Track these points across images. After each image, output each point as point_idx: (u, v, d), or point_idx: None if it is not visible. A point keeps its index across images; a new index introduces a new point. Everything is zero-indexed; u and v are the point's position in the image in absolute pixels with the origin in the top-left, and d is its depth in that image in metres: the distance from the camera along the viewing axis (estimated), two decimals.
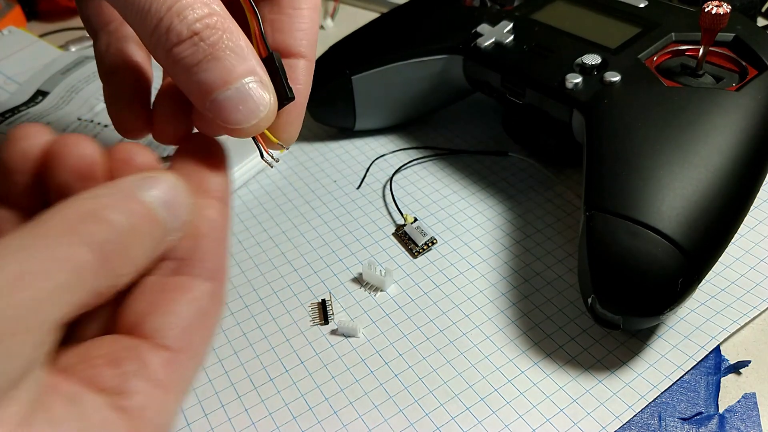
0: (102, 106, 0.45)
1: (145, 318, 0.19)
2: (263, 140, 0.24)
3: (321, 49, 0.43)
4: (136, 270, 0.19)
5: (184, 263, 0.20)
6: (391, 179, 0.39)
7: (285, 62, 0.24)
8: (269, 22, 0.25)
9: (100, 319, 0.20)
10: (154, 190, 0.19)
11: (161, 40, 0.22)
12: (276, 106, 0.23)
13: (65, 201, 0.18)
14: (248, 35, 0.23)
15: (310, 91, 0.26)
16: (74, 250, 0.17)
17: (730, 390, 0.27)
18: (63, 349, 0.19)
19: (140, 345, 0.19)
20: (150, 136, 0.25)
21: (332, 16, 0.58)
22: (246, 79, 0.22)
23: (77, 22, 0.58)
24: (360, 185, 0.39)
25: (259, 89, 0.22)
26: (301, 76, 0.26)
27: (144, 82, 0.27)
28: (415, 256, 0.34)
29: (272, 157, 0.24)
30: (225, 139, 0.24)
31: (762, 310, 0.30)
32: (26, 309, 0.15)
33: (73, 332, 0.20)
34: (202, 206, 0.21)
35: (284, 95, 0.23)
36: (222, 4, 0.22)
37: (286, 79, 0.23)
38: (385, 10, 0.55)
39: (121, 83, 0.27)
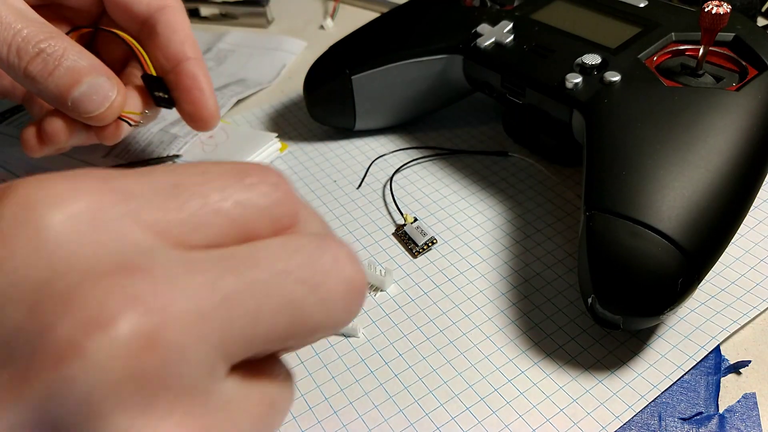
0: None
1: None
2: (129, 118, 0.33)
3: (321, 49, 0.43)
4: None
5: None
6: (391, 179, 0.39)
7: (183, 66, 0.34)
8: (157, 48, 0.34)
9: None
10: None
11: (15, 63, 0.29)
12: (123, 92, 0.32)
13: None
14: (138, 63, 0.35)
15: (209, 76, 0.35)
16: None
17: (730, 390, 0.27)
18: None
19: None
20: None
21: (332, 16, 0.58)
22: (93, 76, 0.30)
23: None
24: (360, 185, 0.39)
25: (105, 81, 0.31)
26: (196, 68, 0.34)
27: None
28: (415, 256, 0.34)
29: (136, 121, 0.34)
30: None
31: (762, 310, 0.30)
32: None
33: None
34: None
35: (160, 101, 0.35)
36: (59, 30, 0.30)
37: (161, 88, 0.34)
38: (385, 10, 0.55)
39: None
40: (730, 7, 0.31)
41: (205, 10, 0.58)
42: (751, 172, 0.29)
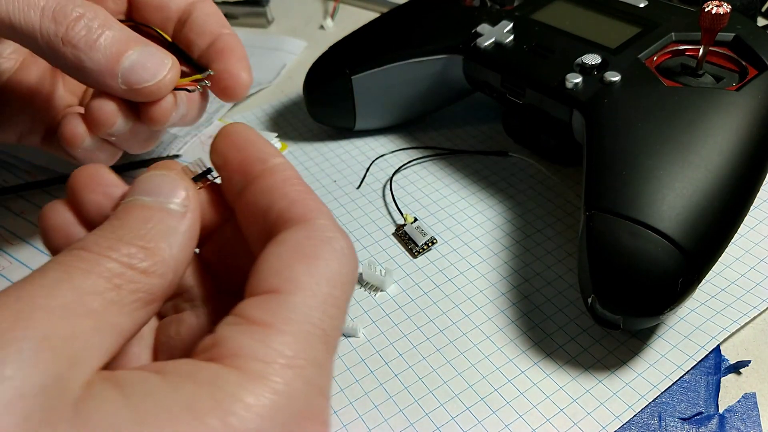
0: None
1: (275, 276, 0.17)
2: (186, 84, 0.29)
3: (321, 49, 0.43)
4: (179, 254, 0.18)
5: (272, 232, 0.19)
6: (391, 179, 0.39)
7: (221, 38, 0.31)
8: (191, 31, 0.31)
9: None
10: (145, 188, 0.18)
11: (51, 31, 0.25)
12: (176, 60, 0.28)
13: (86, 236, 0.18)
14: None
15: (242, 43, 0.32)
16: (99, 265, 0.16)
17: (730, 390, 0.27)
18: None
19: (258, 331, 0.16)
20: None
21: (332, 16, 0.58)
22: (142, 44, 0.27)
23: None
24: (360, 185, 0.39)
25: (155, 49, 0.27)
26: (233, 41, 0.31)
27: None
28: (415, 256, 0.34)
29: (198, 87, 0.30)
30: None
31: (762, 310, 0.30)
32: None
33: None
34: (269, 173, 0.19)
35: (198, 70, 0.30)
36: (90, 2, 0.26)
37: (191, 59, 0.31)
38: (385, 10, 0.55)
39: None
40: (730, 7, 0.31)
41: None
42: (751, 172, 0.29)
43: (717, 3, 0.31)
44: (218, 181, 0.20)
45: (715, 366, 0.28)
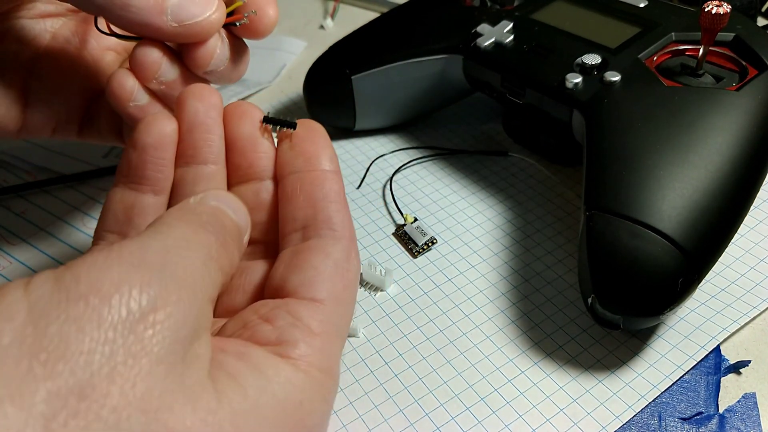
0: None
1: (287, 278, 0.22)
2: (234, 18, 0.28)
3: (321, 49, 0.43)
4: (238, 258, 0.22)
5: (309, 229, 0.24)
6: (391, 179, 0.39)
7: None
8: None
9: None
10: (218, 200, 0.22)
11: None
12: None
13: (167, 211, 0.21)
14: None
15: None
16: (198, 233, 0.20)
17: (730, 390, 0.27)
18: (222, 322, 0.23)
19: (288, 302, 0.22)
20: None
21: (332, 16, 0.58)
22: None
23: None
24: (360, 185, 0.39)
25: None
26: None
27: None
28: (415, 256, 0.34)
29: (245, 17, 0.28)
30: None
31: (762, 310, 0.30)
32: (182, 274, 0.18)
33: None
34: (316, 177, 0.25)
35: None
36: None
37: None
38: (385, 10, 0.55)
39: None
40: (730, 7, 0.31)
41: None
42: (751, 172, 0.29)
43: (717, 3, 0.31)
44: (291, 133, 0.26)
45: (715, 366, 0.28)
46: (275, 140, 0.26)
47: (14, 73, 0.30)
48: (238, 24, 0.28)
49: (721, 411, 0.27)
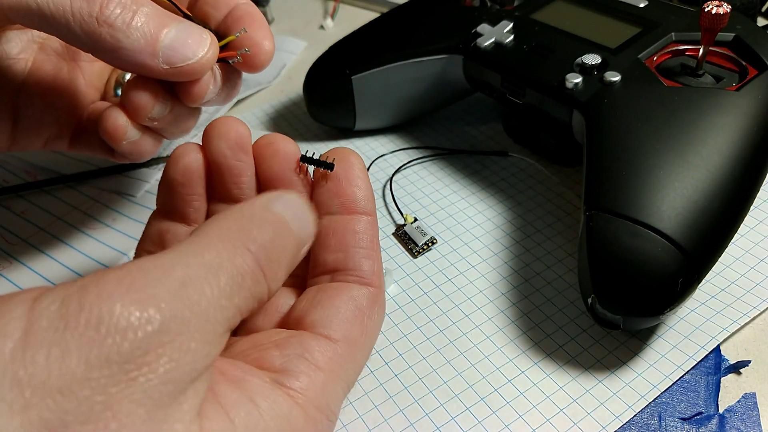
0: None
1: (307, 312, 0.22)
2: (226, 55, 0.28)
3: (321, 49, 0.43)
4: (284, 275, 0.21)
5: (338, 273, 0.24)
6: (391, 179, 0.39)
7: (238, 7, 0.29)
8: (207, 4, 0.29)
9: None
10: (284, 206, 0.21)
11: (84, 11, 0.23)
12: (214, 36, 0.26)
13: (219, 215, 0.20)
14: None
15: (260, 12, 0.30)
16: (235, 256, 0.19)
17: (730, 390, 0.27)
18: (234, 339, 0.22)
19: (303, 334, 0.22)
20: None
21: (332, 16, 0.58)
22: (177, 21, 0.25)
23: None
24: None
25: (191, 24, 0.26)
26: (251, 9, 0.29)
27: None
28: (415, 256, 0.34)
29: (237, 57, 0.28)
30: None
31: (762, 310, 0.30)
32: (194, 312, 0.17)
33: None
34: (350, 221, 0.24)
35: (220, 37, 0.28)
36: None
37: (210, 30, 0.28)
38: (385, 10, 0.55)
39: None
40: (730, 7, 0.31)
41: None
42: (751, 172, 0.29)
43: (717, 3, 0.31)
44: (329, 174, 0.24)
45: (715, 366, 0.28)
46: (311, 176, 0.25)
47: (2, 91, 0.30)
48: (231, 62, 0.28)
49: (721, 411, 0.27)
